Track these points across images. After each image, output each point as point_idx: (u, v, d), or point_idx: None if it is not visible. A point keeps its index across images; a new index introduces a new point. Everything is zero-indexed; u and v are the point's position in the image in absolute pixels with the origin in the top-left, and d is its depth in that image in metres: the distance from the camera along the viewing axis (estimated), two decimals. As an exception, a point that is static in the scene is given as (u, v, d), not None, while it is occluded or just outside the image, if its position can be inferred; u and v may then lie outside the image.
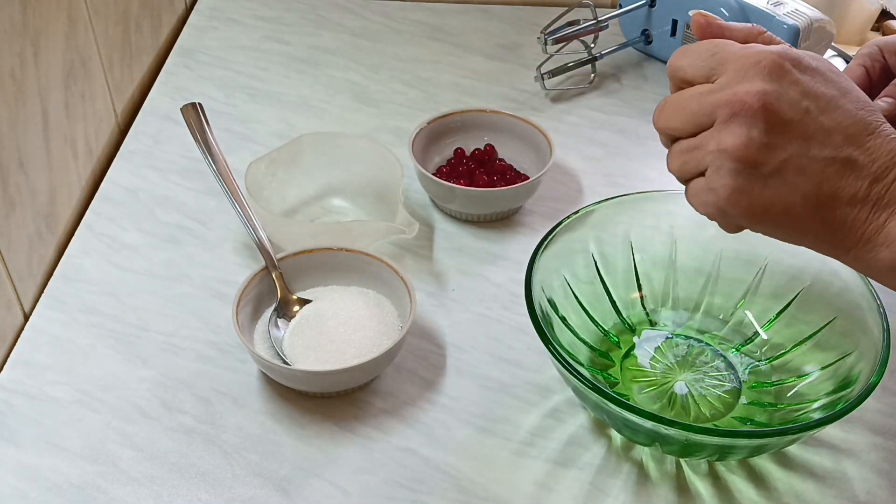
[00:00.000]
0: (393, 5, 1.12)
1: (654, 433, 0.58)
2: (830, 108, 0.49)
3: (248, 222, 0.73)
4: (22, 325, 0.72)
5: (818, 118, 0.48)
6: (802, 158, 0.48)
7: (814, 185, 0.49)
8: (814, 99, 0.49)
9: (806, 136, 0.48)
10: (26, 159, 0.73)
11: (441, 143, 0.86)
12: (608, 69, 1.02)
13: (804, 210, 0.49)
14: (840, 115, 0.49)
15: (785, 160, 0.48)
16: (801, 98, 0.48)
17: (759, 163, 0.49)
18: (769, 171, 0.49)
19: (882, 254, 0.49)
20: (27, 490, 0.61)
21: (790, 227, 0.50)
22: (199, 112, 0.77)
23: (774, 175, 0.49)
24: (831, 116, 0.48)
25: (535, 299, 0.62)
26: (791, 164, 0.48)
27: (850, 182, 0.48)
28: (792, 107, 0.48)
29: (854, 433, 0.66)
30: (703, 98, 0.50)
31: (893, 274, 0.49)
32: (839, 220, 0.49)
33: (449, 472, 0.63)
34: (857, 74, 0.71)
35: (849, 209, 0.49)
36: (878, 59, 0.71)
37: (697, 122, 0.51)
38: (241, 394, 0.67)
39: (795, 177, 0.49)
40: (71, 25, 0.80)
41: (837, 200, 0.49)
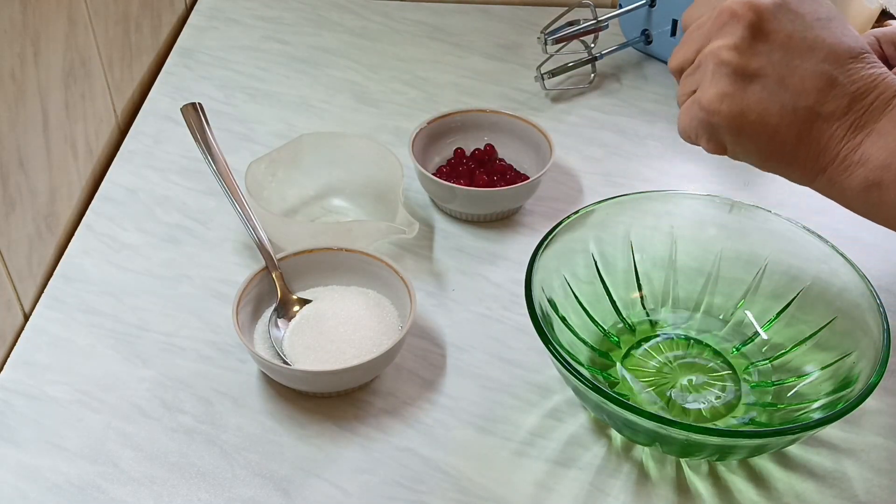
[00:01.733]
0: (393, 5, 1.12)
1: (654, 433, 0.58)
2: (817, 28, 0.50)
3: (248, 222, 0.73)
4: (22, 325, 0.72)
5: (803, 33, 0.49)
6: (784, 67, 0.49)
7: (793, 94, 0.49)
8: (800, 16, 0.50)
9: (789, 48, 0.49)
10: (26, 159, 0.73)
11: (441, 143, 0.86)
12: (608, 69, 1.02)
13: (781, 119, 0.49)
14: (825, 34, 0.49)
15: (766, 65, 0.49)
16: (787, 12, 0.50)
17: (740, 65, 0.50)
18: (750, 73, 0.50)
19: (857, 172, 0.49)
20: (27, 490, 0.61)
21: (767, 139, 0.50)
22: (199, 112, 0.77)
23: (755, 79, 0.50)
24: (816, 35, 0.49)
25: (535, 299, 0.62)
26: (772, 70, 0.49)
27: (828, 98, 0.49)
28: (779, 18, 0.50)
29: (854, 433, 0.66)
30: (703, 23, 0.52)
31: (867, 194, 0.49)
32: (815, 135, 0.49)
33: (449, 472, 0.63)
34: None
35: (826, 125, 0.49)
36: (875, 51, 0.71)
37: (698, 47, 0.52)
38: (241, 394, 0.67)
39: (775, 85, 0.49)
40: (71, 25, 0.80)
41: (815, 114, 0.49)
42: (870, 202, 0.49)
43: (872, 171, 0.48)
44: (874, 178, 0.48)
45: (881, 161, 0.48)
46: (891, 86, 0.49)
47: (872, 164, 0.48)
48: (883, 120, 0.48)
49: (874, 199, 0.49)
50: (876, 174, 0.48)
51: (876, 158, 0.48)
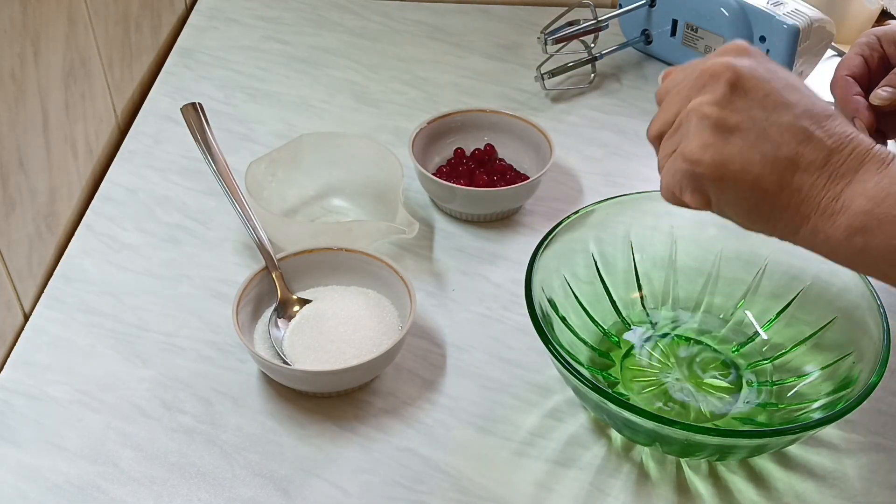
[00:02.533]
0: (393, 5, 1.12)
1: (654, 433, 0.58)
2: (790, 90, 0.51)
3: (248, 222, 0.73)
4: (22, 325, 0.72)
5: (777, 93, 0.51)
6: (763, 121, 0.51)
7: (773, 145, 0.50)
8: (775, 78, 0.52)
9: (767, 105, 0.51)
10: (26, 159, 0.73)
11: (441, 143, 0.86)
12: (608, 69, 1.02)
13: (763, 169, 0.51)
14: (798, 96, 0.51)
15: (747, 119, 0.51)
16: (766, 74, 0.52)
17: (722, 118, 0.51)
18: (732, 126, 0.51)
19: (839, 220, 0.50)
20: (27, 490, 0.61)
21: (750, 187, 0.51)
22: (199, 112, 0.77)
23: (736, 132, 0.51)
24: (789, 96, 0.51)
25: (535, 299, 0.62)
26: (752, 124, 0.51)
27: (808, 150, 0.50)
28: (755, 77, 0.52)
29: (854, 433, 0.66)
30: (682, 88, 0.54)
31: (850, 241, 0.50)
32: (797, 184, 0.50)
33: (449, 472, 0.63)
34: (855, 64, 0.72)
35: (806, 175, 0.50)
36: (876, 49, 0.72)
37: (677, 109, 0.54)
38: (241, 394, 0.67)
39: (756, 136, 0.51)
40: (71, 25, 0.80)
41: (795, 164, 0.50)
42: (854, 249, 0.50)
43: (854, 216, 0.49)
44: (857, 224, 0.49)
45: (862, 207, 0.49)
46: (863, 142, 0.51)
47: (854, 210, 0.49)
48: (861, 170, 0.50)
49: (858, 246, 0.50)
50: (858, 220, 0.49)
51: (857, 205, 0.49)
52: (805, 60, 0.94)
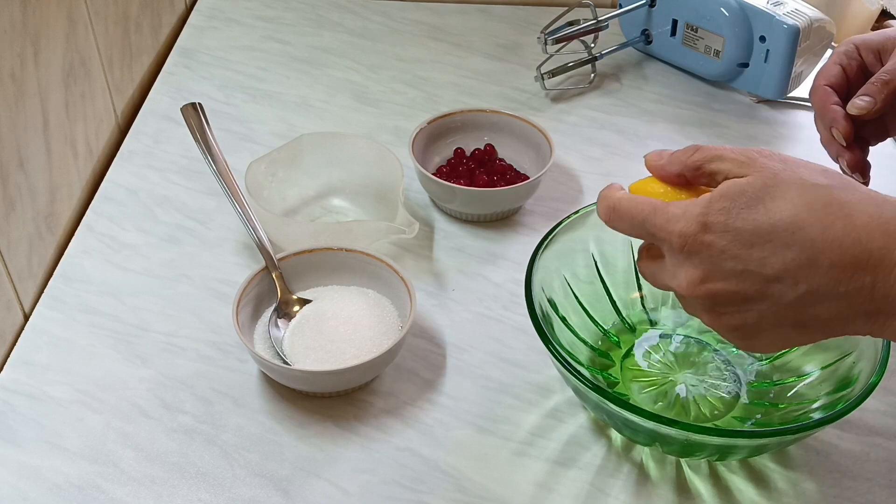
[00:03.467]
0: (393, 5, 1.12)
1: (654, 433, 0.58)
2: (766, 256, 0.47)
3: (248, 222, 0.73)
4: (22, 325, 0.72)
5: (760, 272, 0.48)
6: (769, 308, 0.49)
7: (794, 322, 0.49)
8: (744, 259, 0.48)
9: (757, 295, 0.49)
10: (26, 159, 0.73)
11: (441, 143, 0.86)
12: (608, 69, 1.02)
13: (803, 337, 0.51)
14: (777, 258, 0.47)
15: (756, 316, 0.50)
16: (732, 263, 0.48)
17: (737, 326, 0.51)
18: (751, 326, 0.50)
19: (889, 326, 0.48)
20: (27, 490, 0.61)
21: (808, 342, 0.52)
22: (199, 112, 0.77)
23: (757, 328, 0.50)
24: (769, 263, 0.47)
25: (535, 299, 0.62)
26: (763, 316, 0.50)
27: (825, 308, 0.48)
28: (729, 278, 0.49)
29: (854, 433, 0.66)
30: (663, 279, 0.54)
31: None
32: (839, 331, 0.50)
33: (449, 472, 0.63)
34: (834, 73, 0.72)
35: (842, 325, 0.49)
36: (854, 58, 0.71)
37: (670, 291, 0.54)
38: (241, 394, 0.67)
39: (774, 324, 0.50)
40: (71, 25, 0.80)
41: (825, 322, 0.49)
42: None
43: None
44: None
45: None
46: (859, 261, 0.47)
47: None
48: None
49: None
50: None
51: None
52: (805, 60, 0.94)
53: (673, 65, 1.03)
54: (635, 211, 0.52)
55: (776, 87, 0.94)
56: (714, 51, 0.96)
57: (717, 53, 0.96)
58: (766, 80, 0.94)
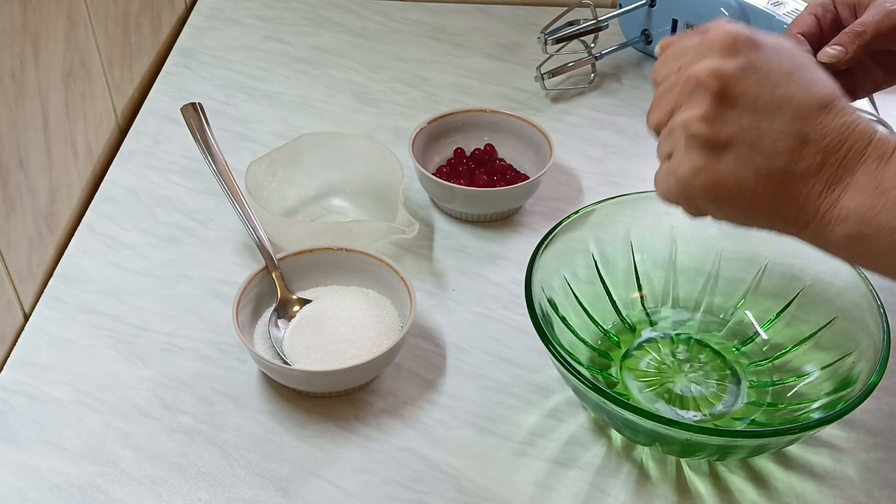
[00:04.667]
0: (393, 5, 1.12)
1: (654, 433, 0.58)
2: (782, 83, 0.49)
3: (248, 222, 0.73)
4: (22, 325, 0.72)
5: (769, 92, 0.49)
6: (753, 132, 0.49)
7: (765, 158, 0.49)
8: (765, 74, 0.50)
9: (756, 110, 0.49)
10: (26, 159, 0.73)
11: (441, 143, 0.86)
12: (608, 69, 1.02)
13: (757, 185, 0.49)
14: (792, 89, 0.49)
15: (736, 133, 0.49)
16: (752, 73, 0.50)
17: (711, 136, 0.50)
18: (722, 144, 0.50)
19: (837, 228, 0.49)
20: (27, 490, 0.61)
21: (746, 205, 0.50)
22: (199, 112, 0.77)
23: (727, 149, 0.50)
24: (783, 90, 0.49)
25: (535, 299, 0.62)
26: (743, 137, 0.49)
27: (801, 156, 0.49)
28: (743, 81, 0.49)
29: (854, 433, 0.66)
30: (671, 84, 0.52)
31: (849, 247, 0.49)
32: (793, 196, 0.49)
33: (449, 472, 0.63)
34: (808, 23, 0.72)
35: (801, 184, 0.49)
36: (829, 10, 0.71)
37: (670, 109, 0.53)
38: (241, 394, 0.67)
39: (748, 151, 0.49)
40: (71, 25, 0.80)
41: (790, 175, 0.49)
42: (853, 254, 0.50)
43: (853, 226, 0.48)
44: (855, 231, 0.48)
45: (860, 216, 0.48)
46: (863, 134, 0.49)
47: (852, 219, 0.48)
48: (858, 172, 0.48)
49: (857, 251, 0.49)
50: (857, 228, 0.48)
51: (855, 214, 0.48)
52: (805, 60, 0.94)
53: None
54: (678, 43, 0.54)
55: (776, 87, 0.94)
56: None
57: (717, 53, 0.96)
58: (766, 80, 0.94)
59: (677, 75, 0.52)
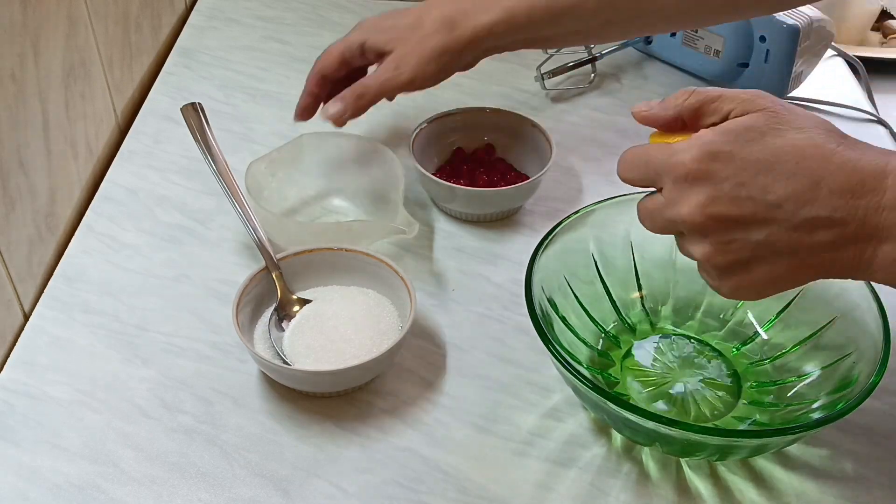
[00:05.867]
0: (394, 5, 1.12)
1: (654, 433, 0.58)
2: (769, 183, 0.50)
3: (248, 222, 0.73)
4: (22, 325, 0.72)
5: (763, 198, 0.50)
6: (768, 237, 0.50)
7: (790, 251, 0.50)
8: (748, 185, 0.50)
9: (759, 220, 0.50)
10: (26, 159, 0.73)
11: (441, 143, 0.86)
12: (608, 69, 1.02)
13: (794, 273, 0.51)
14: (780, 185, 0.50)
15: (754, 246, 0.51)
16: (737, 190, 0.50)
17: (732, 261, 0.52)
18: (746, 261, 0.51)
19: (878, 276, 0.51)
20: (27, 490, 0.61)
21: (791, 285, 0.53)
22: (199, 112, 0.77)
23: (752, 261, 0.51)
24: (773, 190, 0.50)
25: (535, 299, 0.62)
26: (761, 246, 0.51)
27: (821, 235, 0.50)
28: (733, 202, 0.50)
29: (854, 433, 0.66)
30: (662, 214, 0.54)
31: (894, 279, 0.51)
32: (829, 265, 0.51)
33: (449, 472, 0.63)
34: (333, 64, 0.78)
35: (834, 254, 0.50)
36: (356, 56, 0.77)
37: (671, 231, 0.55)
38: (241, 394, 0.67)
39: (771, 254, 0.51)
40: (71, 25, 0.80)
41: (819, 253, 0.50)
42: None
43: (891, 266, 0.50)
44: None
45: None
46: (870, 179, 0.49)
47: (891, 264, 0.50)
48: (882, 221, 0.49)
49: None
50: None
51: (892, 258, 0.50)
52: (805, 60, 0.94)
53: (673, 65, 1.03)
54: (639, 152, 0.55)
55: (776, 87, 0.94)
56: (714, 50, 0.96)
57: (717, 53, 0.96)
58: (765, 79, 0.94)
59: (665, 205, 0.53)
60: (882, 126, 0.95)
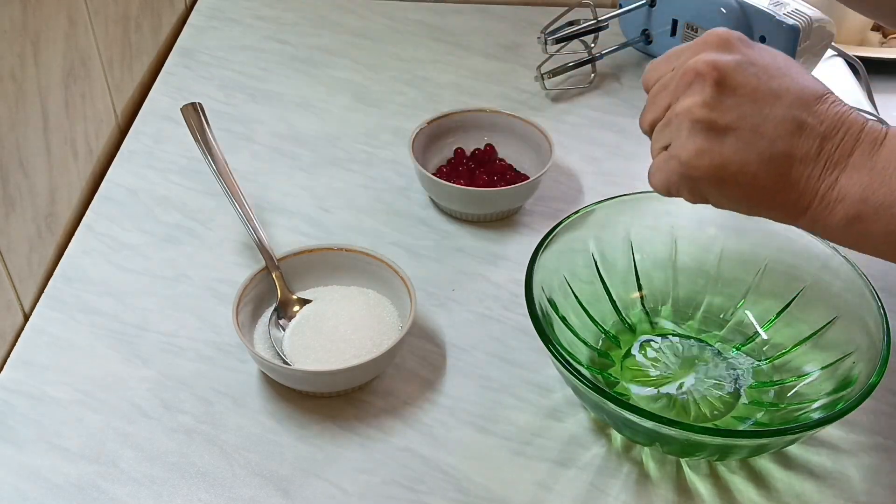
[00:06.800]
0: (393, 5, 1.12)
1: (654, 433, 0.58)
2: (778, 76, 0.52)
3: (248, 222, 0.73)
4: (22, 325, 0.72)
5: (766, 83, 0.51)
6: (755, 117, 0.51)
7: (768, 141, 0.51)
8: (762, 67, 0.52)
9: (756, 99, 0.51)
10: (26, 159, 0.73)
11: (441, 143, 0.86)
12: (608, 69, 1.02)
13: (759, 167, 0.51)
14: (787, 81, 0.51)
15: (738, 118, 0.51)
16: (749, 65, 0.52)
17: (713, 120, 0.51)
18: (724, 127, 0.51)
19: (837, 209, 0.50)
20: (27, 490, 0.61)
21: (748, 189, 0.52)
22: (199, 112, 0.77)
23: (730, 132, 0.51)
24: (779, 82, 0.51)
25: (535, 299, 0.62)
26: (745, 121, 0.51)
27: (801, 141, 0.51)
28: (741, 72, 0.51)
29: (854, 433, 0.66)
30: (667, 83, 0.54)
31: (849, 229, 0.51)
32: (794, 179, 0.51)
33: (449, 472, 0.63)
34: None
35: (802, 167, 0.51)
36: None
37: (666, 105, 0.54)
38: (241, 394, 0.67)
39: (750, 134, 0.51)
40: (71, 25, 0.80)
41: (791, 158, 0.51)
42: (852, 236, 0.51)
43: (851, 205, 0.50)
44: (854, 212, 0.50)
45: (858, 195, 0.50)
46: (856, 121, 0.51)
47: (850, 199, 0.50)
48: (855, 154, 0.50)
49: (856, 233, 0.51)
50: (855, 208, 0.50)
51: (853, 193, 0.50)
52: (805, 60, 0.94)
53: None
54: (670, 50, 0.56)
55: (776, 87, 0.94)
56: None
57: (717, 53, 0.96)
58: (766, 80, 0.94)
59: (672, 73, 0.54)
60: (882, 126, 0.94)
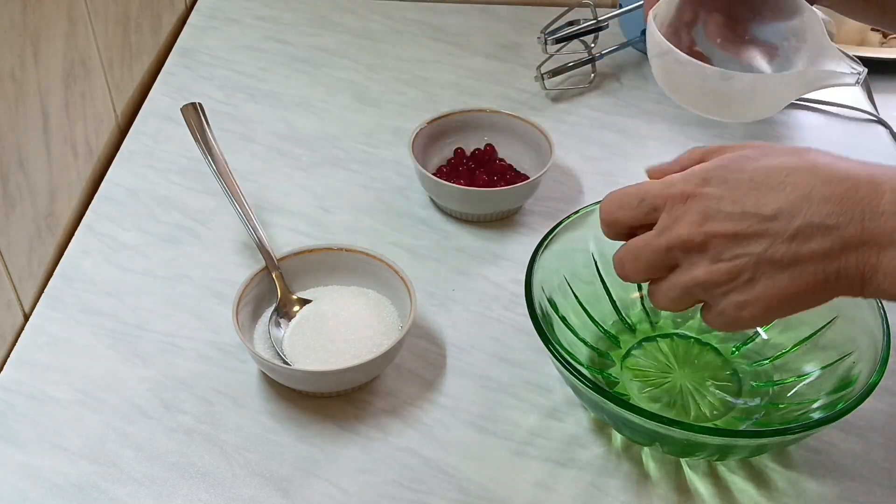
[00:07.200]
0: (393, 5, 1.12)
1: (654, 433, 0.58)
2: (762, 198, 0.50)
3: (248, 222, 0.73)
4: (22, 325, 0.72)
5: (757, 212, 0.50)
6: (767, 250, 0.50)
7: (791, 262, 0.50)
8: (742, 202, 0.51)
9: (756, 233, 0.50)
10: (26, 159, 0.73)
11: (441, 143, 0.86)
12: (608, 69, 1.02)
13: (798, 286, 0.51)
14: (772, 198, 0.50)
15: (754, 262, 0.51)
16: (731, 206, 0.51)
17: (734, 278, 0.51)
18: (749, 278, 0.51)
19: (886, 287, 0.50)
20: (27, 490, 0.61)
21: (798, 304, 0.52)
22: (199, 112, 0.77)
23: (756, 278, 0.51)
24: (766, 204, 0.50)
25: (535, 299, 0.62)
26: (762, 260, 0.50)
27: (818, 242, 0.49)
28: (729, 218, 0.51)
29: (854, 433, 0.66)
30: (653, 244, 0.53)
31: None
32: (833, 278, 0.50)
33: (449, 472, 0.63)
34: None
35: (835, 264, 0.50)
36: None
37: (659, 266, 0.54)
38: (241, 394, 0.67)
39: (772, 268, 0.50)
40: (71, 25, 0.80)
41: (819, 263, 0.50)
42: None
43: None
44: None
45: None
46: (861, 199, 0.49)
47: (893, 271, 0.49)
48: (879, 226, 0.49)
49: None
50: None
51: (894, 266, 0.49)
52: (805, 60, 0.93)
53: (673, 65, 1.02)
54: (631, 189, 0.55)
55: (776, 87, 0.94)
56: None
57: (717, 53, 0.96)
58: (766, 80, 0.94)
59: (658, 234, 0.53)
60: (882, 126, 0.95)
